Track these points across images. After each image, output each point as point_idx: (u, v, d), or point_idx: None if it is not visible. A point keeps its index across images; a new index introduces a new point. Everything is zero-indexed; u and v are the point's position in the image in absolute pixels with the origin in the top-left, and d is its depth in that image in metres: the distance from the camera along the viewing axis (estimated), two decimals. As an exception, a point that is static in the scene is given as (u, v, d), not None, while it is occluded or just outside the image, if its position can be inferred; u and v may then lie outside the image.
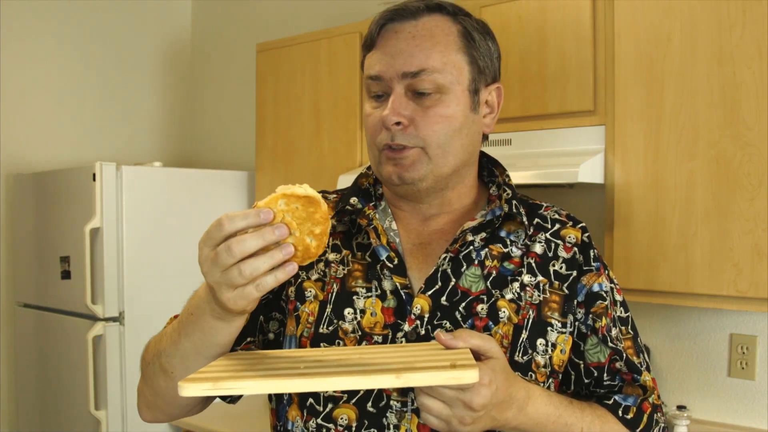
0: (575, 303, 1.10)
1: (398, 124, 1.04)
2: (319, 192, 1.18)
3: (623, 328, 1.14)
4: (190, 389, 0.80)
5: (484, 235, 1.10)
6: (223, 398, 1.13)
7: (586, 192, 2.30)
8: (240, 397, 1.15)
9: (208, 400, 1.13)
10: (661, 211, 1.88)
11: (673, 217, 1.86)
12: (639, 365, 1.13)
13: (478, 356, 0.92)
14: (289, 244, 0.85)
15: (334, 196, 1.21)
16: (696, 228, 1.82)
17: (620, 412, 1.11)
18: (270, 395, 1.15)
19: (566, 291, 1.10)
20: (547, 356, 1.07)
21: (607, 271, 1.15)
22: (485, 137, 1.16)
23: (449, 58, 1.05)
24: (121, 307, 2.80)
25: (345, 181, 2.49)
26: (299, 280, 1.11)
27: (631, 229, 1.92)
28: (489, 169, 1.20)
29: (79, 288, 2.78)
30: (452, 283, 1.07)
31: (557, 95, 2.06)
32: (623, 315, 1.15)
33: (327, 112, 2.70)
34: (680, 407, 2.09)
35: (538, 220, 1.14)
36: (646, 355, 1.16)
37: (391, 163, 1.07)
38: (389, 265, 1.08)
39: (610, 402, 1.11)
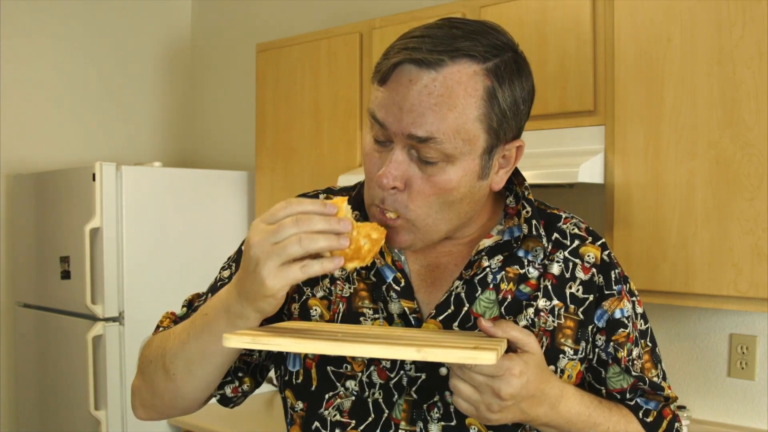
0: (590, 329, 1.06)
1: (393, 188, 0.96)
2: (325, 189, 1.16)
3: (642, 341, 1.12)
4: (232, 341, 0.85)
5: (501, 257, 1.05)
6: (223, 403, 1.13)
7: (586, 192, 2.30)
8: (241, 401, 1.14)
9: (204, 402, 1.12)
10: (661, 211, 1.87)
11: (673, 217, 1.86)
12: (658, 380, 1.12)
13: (515, 349, 0.92)
14: (346, 236, 0.88)
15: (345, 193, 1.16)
16: (696, 228, 1.82)
17: (641, 414, 1.10)
18: (283, 410, 1.13)
19: (581, 316, 1.05)
20: None
21: (628, 285, 1.11)
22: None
23: (464, 126, 0.93)
24: (121, 307, 2.80)
25: (345, 180, 2.49)
26: (304, 297, 1.08)
27: (631, 229, 1.92)
28: None
29: (79, 288, 2.78)
30: (465, 309, 1.03)
31: (557, 95, 2.06)
32: (642, 327, 1.12)
33: (327, 112, 2.70)
34: (680, 407, 2.09)
35: (557, 236, 1.08)
36: (662, 365, 1.15)
37: (379, 221, 1.00)
38: (396, 287, 1.03)
39: (632, 403, 1.11)
